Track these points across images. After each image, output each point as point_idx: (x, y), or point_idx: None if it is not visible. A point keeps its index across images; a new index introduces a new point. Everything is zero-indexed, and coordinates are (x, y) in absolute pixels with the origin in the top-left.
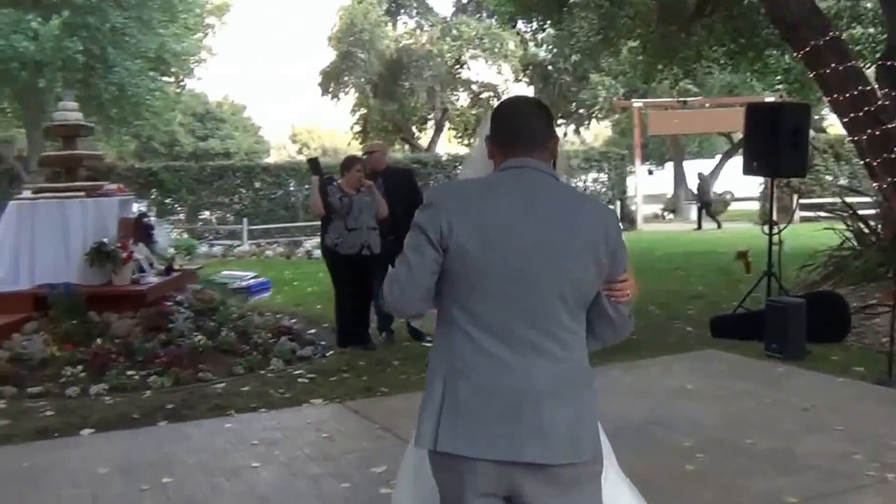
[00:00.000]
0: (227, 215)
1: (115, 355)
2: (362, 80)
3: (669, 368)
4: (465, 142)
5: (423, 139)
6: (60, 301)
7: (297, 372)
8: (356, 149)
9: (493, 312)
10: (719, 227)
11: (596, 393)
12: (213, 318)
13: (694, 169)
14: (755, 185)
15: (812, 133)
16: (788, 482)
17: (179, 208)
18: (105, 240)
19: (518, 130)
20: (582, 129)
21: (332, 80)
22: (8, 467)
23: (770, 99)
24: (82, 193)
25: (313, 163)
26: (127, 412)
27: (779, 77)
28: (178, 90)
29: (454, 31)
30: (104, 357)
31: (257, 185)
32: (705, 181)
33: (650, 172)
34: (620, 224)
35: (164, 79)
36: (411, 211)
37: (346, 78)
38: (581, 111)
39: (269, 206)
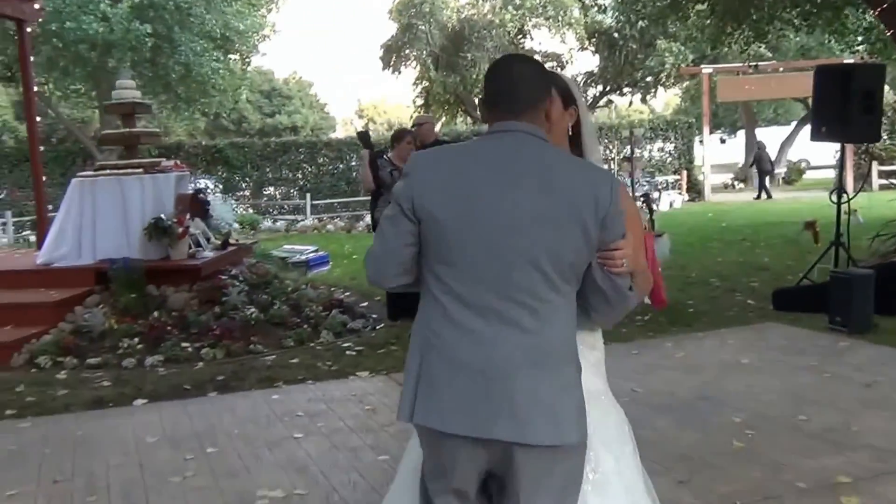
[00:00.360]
0: (291, 191)
1: (170, 328)
2: (424, 52)
3: (724, 341)
4: None
5: None
6: (120, 275)
7: (345, 344)
8: None
9: (465, 282)
10: (759, 197)
11: (580, 371)
12: (266, 291)
13: (768, 137)
14: (833, 152)
15: (894, 96)
16: (842, 461)
17: (245, 184)
18: (162, 215)
19: (503, 91)
20: (649, 98)
21: (393, 54)
22: (63, 435)
23: (849, 61)
24: (140, 170)
25: (363, 136)
26: (179, 383)
27: (859, 38)
28: (244, 68)
29: (516, 0)
30: (160, 329)
31: (320, 160)
32: (764, 150)
33: (722, 141)
34: (617, 190)
35: (230, 56)
36: None
37: (407, 51)
38: (648, 79)
39: (332, 181)
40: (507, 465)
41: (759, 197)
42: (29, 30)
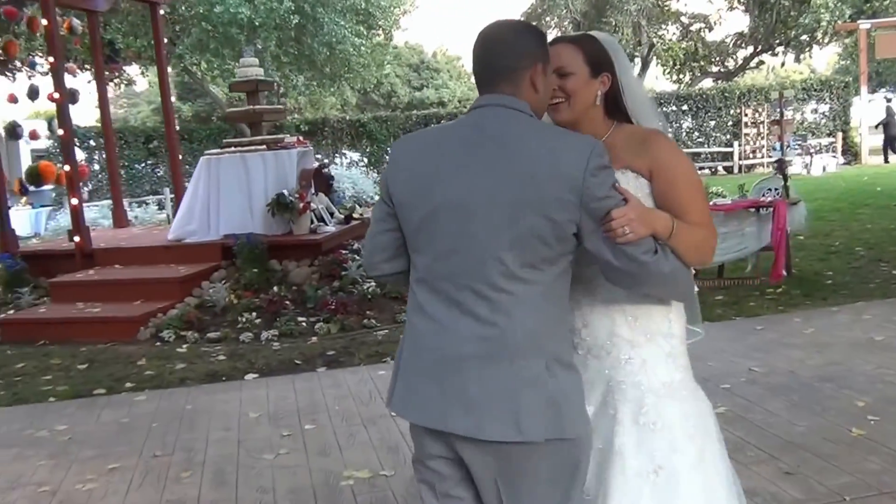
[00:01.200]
0: None
1: (289, 302)
2: (566, 20)
3: (859, 317)
4: (675, 78)
5: None
6: (243, 250)
7: None
8: None
9: (428, 268)
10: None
11: (559, 363)
12: None
13: None
14: None
15: None
16: None
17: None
18: (284, 191)
19: (479, 62)
20: (803, 57)
21: (532, 22)
22: (173, 409)
23: None
24: (263, 147)
25: None
26: (290, 358)
27: None
28: (387, 43)
29: None
30: (278, 304)
31: None
32: (892, 113)
33: (888, 100)
34: (598, 161)
35: (372, 32)
36: None
37: (547, 19)
38: (803, 38)
39: None
40: (474, 462)
41: (887, 161)
42: (162, 12)
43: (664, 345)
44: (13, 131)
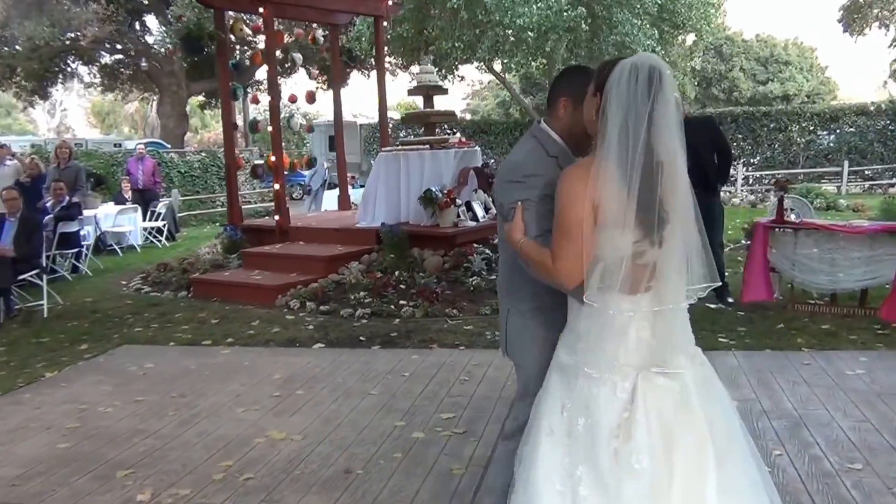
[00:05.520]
0: None
1: (403, 286)
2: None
3: None
4: None
5: None
6: (387, 238)
7: None
8: None
9: None
10: None
11: (529, 308)
12: None
13: None
14: None
15: None
16: None
17: None
18: (432, 187)
19: None
20: None
21: (854, 14)
22: (234, 363)
23: None
24: (427, 147)
25: None
26: (358, 334)
27: None
28: (698, 40)
29: None
30: (385, 286)
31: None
32: None
33: None
34: (508, 176)
35: (679, 31)
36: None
37: (874, 11)
38: None
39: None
40: None
41: None
42: (385, 24)
43: (575, 328)
44: (254, 126)
